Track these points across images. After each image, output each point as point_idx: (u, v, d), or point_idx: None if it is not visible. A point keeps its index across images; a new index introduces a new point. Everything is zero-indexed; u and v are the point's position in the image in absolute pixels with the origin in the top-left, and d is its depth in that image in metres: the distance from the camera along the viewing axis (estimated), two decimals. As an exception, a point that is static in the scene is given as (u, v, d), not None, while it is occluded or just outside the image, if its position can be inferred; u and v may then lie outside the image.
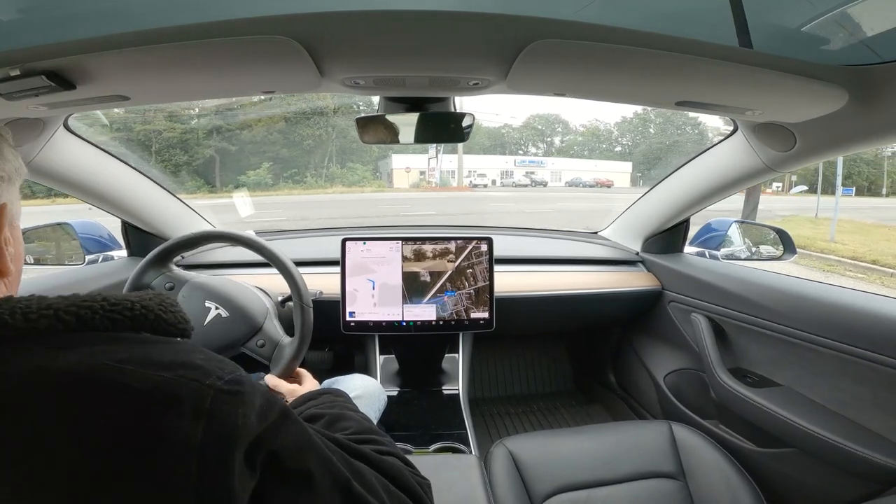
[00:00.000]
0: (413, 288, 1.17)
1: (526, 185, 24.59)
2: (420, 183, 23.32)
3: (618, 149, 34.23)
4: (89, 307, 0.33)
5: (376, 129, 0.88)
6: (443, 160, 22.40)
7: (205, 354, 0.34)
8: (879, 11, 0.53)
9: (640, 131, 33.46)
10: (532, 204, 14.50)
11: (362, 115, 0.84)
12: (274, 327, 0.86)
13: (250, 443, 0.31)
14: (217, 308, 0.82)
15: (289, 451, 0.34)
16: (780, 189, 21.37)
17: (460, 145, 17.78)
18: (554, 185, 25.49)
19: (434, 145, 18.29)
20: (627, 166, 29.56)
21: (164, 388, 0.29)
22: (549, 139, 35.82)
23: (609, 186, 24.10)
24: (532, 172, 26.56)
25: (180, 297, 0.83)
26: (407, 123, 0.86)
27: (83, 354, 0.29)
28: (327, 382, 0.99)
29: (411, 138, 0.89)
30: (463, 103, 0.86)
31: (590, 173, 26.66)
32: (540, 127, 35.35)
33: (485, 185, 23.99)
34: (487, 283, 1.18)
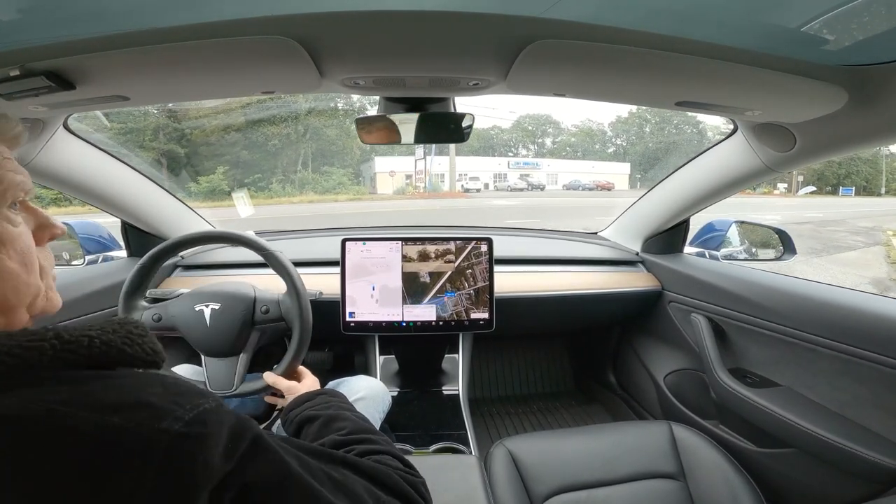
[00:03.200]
0: (413, 288, 1.17)
1: (522, 190, 22.98)
2: (406, 189, 20.84)
3: (611, 149, 33.68)
4: (37, 348, 0.29)
5: (377, 129, 0.88)
6: (432, 162, 20.30)
7: (163, 388, 0.30)
8: (879, 11, 0.53)
9: (635, 131, 32.86)
10: (554, 217, 10.73)
11: (357, 113, 0.84)
12: (265, 292, 0.88)
13: (215, 486, 0.28)
14: (207, 306, 0.82)
15: (264, 484, 0.31)
16: (786, 190, 20.65)
17: (451, 145, 16.92)
18: (551, 188, 24.43)
19: (422, 145, 18.11)
20: (625, 167, 28.58)
21: (110, 434, 0.26)
22: (539, 140, 35.07)
23: (610, 189, 23.06)
24: (527, 175, 25.29)
25: (171, 316, 0.84)
26: (407, 124, 0.86)
27: (24, 398, 0.26)
28: (333, 383, 0.99)
29: (411, 138, 0.89)
30: (458, 103, 0.86)
31: (588, 175, 25.56)
32: (530, 128, 34.57)
33: (478, 190, 22.00)
34: (487, 283, 1.18)
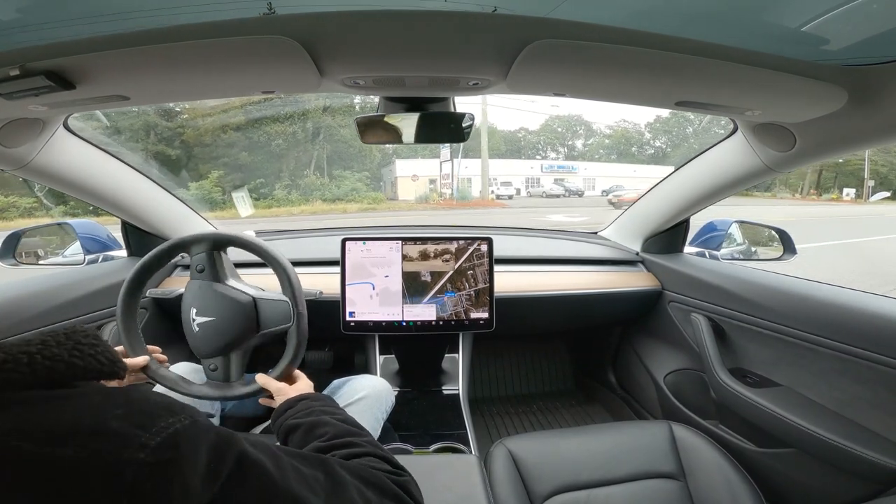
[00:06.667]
0: (413, 288, 1.17)
1: (559, 196, 20.02)
2: (430, 196, 17.41)
3: (650, 152, 31.57)
4: None
5: (376, 129, 0.88)
6: (460, 165, 16.58)
7: (126, 407, 0.27)
8: (879, 11, 0.53)
9: (677, 132, 30.60)
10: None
11: (374, 110, 0.84)
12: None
13: None
14: (201, 317, 0.79)
15: None
16: (856, 196, 18.25)
17: (484, 145, 14.63)
18: (589, 194, 21.56)
19: (448, 146, 14.78)
20: (669, 172, 25.89)
21: (61, 470, 0.22)
22: (570, 142, 32.80)
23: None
24: (562, 179, 22.61)
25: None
26: (407, 123, 0.86)
27: None
28: (337, 382, 0.98)
29: (412, 138, 0.89)
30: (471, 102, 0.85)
31: (629, 180, 20.83)
32: (560, 129, 32.44)
33: (510, 196, 18.93)
34: (487, 283, 1.18)
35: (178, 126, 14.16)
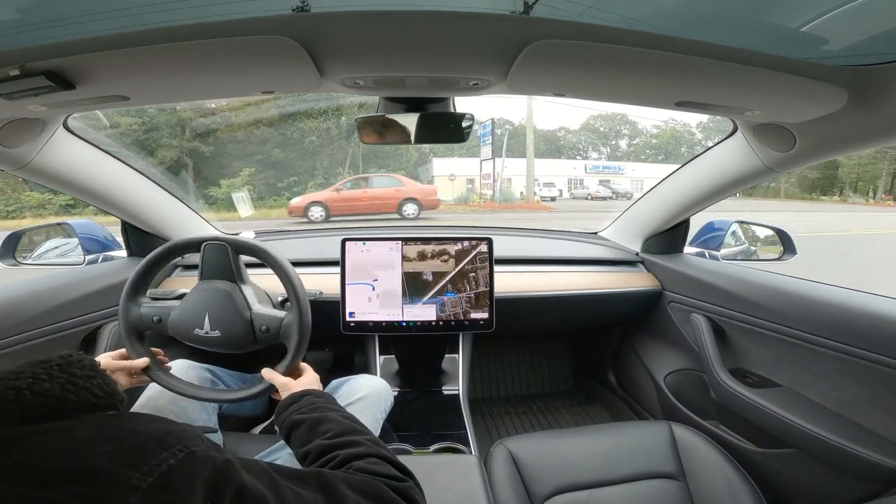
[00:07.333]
0: (413, 288, 1.17)
1: (606, 198, 18.35)
2: (469, 197, 16.05)
3: (702, 153, 30.35)
4: None
5: (376, 129, 0.88)
6: (503, 164, 14.96)
7: (116, 443, 0.25)
8: (879, 11, 0.53)
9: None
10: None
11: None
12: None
13: None
14: (206, 333, 0.78)
15: None
16: None
17: (529, 143, 13.49)
18: (638, 196, 20.70)
19: (491, 143, 14.02)
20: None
21: None
22: (613, 142, 30.91)
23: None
24: (608, 181, 21.13)
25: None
26: (406, 123, 0.86)
27: None
28: (336, 383, 0.98)
29: (411, 138, 0.89)
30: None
31: None
32: (602, 129, 30.78)
33: (553, 199, 17.46)
34: (487, 283, 1.18)
35: (212, 122, 13.68)
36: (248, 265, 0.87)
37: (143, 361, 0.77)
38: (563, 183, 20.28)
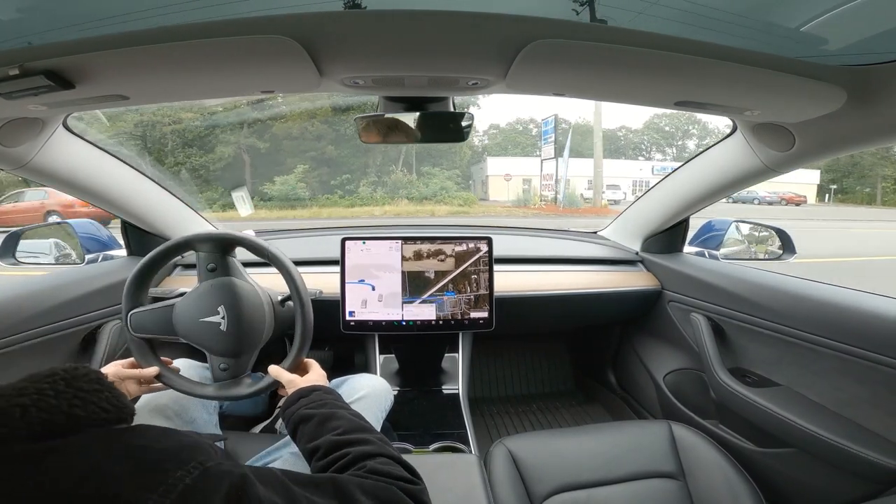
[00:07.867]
0: (412, 288, 1.17)
1: None
2: (530, 199, 14.83)
3: None
4: None
5: (376, 128, 0.88)
6: (567, 165, 13.89)
7: (132, 462, 0.24)
8: (879, 11, 0.53)
9: None
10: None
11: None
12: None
13: None
14: (222, 317, 0.77)
15: None
16: None
17: (597, 141, 12.34)
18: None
19: (553, 142, 13.28)
20: (813, 176, 20.77)
21: None
22: (679, 143, 28.51)
23: (800, 204, 17.73)
24: None
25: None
26: (406, 122, 0.86)
27: None
28: (335, 382, 0.99)
29: (411, 138, 0.89)
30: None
31: (763, 185, 17.29)
32: (667, 128, 28.61)
33: (616, 202, 16.23)
34: (487, 282, 1.18)
35: (268, 118, 13.30)
36: (247, 264, 0.87)
37: (154, 370, 0.77)
38: (627, 185, 19.07)
